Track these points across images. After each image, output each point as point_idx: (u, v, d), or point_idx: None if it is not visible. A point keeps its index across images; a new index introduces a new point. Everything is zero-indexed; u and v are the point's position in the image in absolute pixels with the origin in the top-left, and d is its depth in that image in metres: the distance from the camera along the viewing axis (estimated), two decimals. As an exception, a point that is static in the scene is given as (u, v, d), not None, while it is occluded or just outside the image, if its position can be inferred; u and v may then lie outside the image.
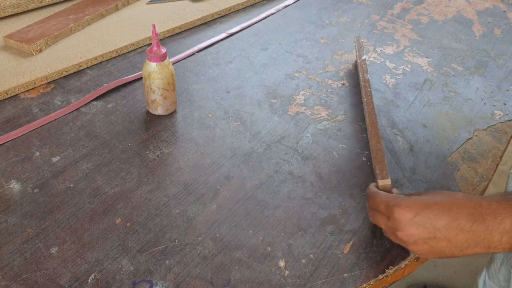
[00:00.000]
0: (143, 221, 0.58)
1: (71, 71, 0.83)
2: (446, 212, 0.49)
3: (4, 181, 0.63)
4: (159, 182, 0.64)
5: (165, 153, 0.68)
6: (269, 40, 0.96)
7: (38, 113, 0.74)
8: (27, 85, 0.78)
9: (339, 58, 0.91)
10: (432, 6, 1.13)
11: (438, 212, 0.49)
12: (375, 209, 0.54)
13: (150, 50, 0.70)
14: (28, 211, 0.59)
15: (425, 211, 0.49)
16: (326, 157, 0.69)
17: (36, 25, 0.91)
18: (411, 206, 0.50)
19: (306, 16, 1.06)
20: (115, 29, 0.94)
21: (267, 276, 0.53)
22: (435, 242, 0.49)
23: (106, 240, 0.56)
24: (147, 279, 0.52)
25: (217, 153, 0.69)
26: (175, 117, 0.75)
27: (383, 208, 0.52)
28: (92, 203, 0.60)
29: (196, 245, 0.56)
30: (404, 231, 0.50)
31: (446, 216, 0.49)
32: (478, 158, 0.70)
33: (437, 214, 0.49)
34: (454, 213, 0.49)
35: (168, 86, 0.72)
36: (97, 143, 0.69)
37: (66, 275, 0.52)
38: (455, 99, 0.82)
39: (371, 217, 0.56)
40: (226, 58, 0.90)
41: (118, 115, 0.75)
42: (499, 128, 0.76)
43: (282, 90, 0.82)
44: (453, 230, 0.49)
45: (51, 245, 0.55)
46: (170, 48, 0.91)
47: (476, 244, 0.49)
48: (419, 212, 0.49)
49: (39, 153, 0.67)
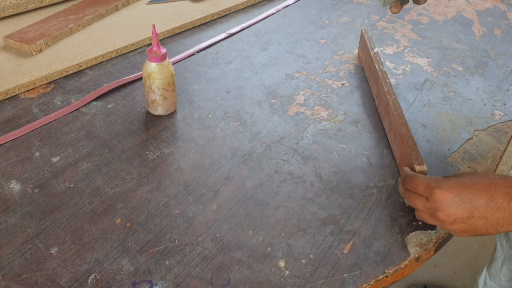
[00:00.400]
0: (143, 221, 0.58)
1: (71, 71, 0.83)
2: (484, 192, 0.51)
3: (4, 181, 0.63)
4: (159, 182, 0.64)
5: (165, 153, 0.68)
6: (269, 40, 0.96)
7: (38, 113, 0.74)
8: (27, 85, 0.78)
9: (339, 59, 0.91)
10: (432, 6, 1.13)
11: (477, 192, 0.52)
12: (412, 190, 0.56)
13: (150, 50, 0.70)
14: (28, 211, 0.59)
15: (465, 192, 0.52)
16: (326, 157, 0.69)
17: (36, 25, 0.91)
18: (451, 187, 0.52)
19: (306, 17, 1.06)
20: (115, 29, 0.94)
21: (267, 276, 0.53)
22: (473, 220, 0.52)
23: (106, 240, 0.56)
24: (147, 279, 0.52)
25: (217, 153, 0.69)
26: (175, 117, 0.75)
27: (422, 190, 0.55)
28: (92, 203, 0.60)
29: (196, 245, 0.56)
30: (444, 211, 0.53)
31: (484, 196, 0.51)
32: (478, 158, 0.70)
33: (476, 194, 0.51)
34: (492, 192, 0.51)
35: (168, 86, 0.72)
36: (97, 143, 0.69)
37: (66, 275, 0.52)
38: (455, 99, 0.82)
39: (407, 199, 0.58)
40: (226, 58, 0.90)
41: (118, 115, 0.75)
42: (499, 128, 0.76)
43: (282, 90, 0.82)
44: (491, 209, 0.51)
45: (51, 245, 0.55)
46: (170, 48, 0.91)
47: (511, 222, 0.51)
48: (459, 193, 0.52)
49: (39, 153, 0.67)
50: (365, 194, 0.63)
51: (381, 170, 0.67)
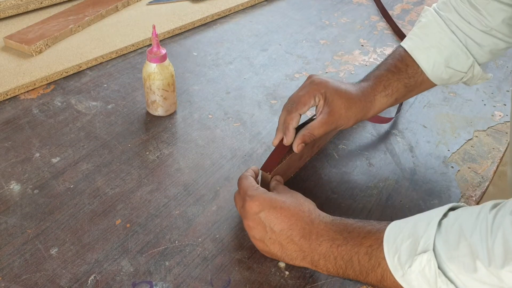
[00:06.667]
0: (143, 222, 0.58)
1: (71, 72, 0.83)
2: (286, 219, 0.51)
3: (4, 182, 0.63)
4: (159, 183, 0.64)
5: (165, 154, 0.68)
6: (269, 41, 0.96)
7: (38, 114, 0.74)
8: (27, 86, 0.78)
9: (339, 59, 0.91)
10: (432, 7, 1.13)
11: (279, 216, 0.51)
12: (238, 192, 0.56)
13: (150, 51, 0.70)
14: (28, 212, 0.59)
15: (270, 211, 0.51)
16: (326, 157, 0.69)
17: (36, 26, 0.91)
18: (260, 202, 0.52)
19: (306, 17, 1.06)
20: (115, 30, 0.94)
21: (267, 277, 0.53)
22: (270, 242, 0.52)
23: (106, 241, 0.56)
24: (147, 280, 0.52)
25: (217, 154, 0.69)
26: (175, 118, 0.75)
27: (242, 194, 0.54)
28: (92, 204, 0.60)
29: (196, 246, 0.56)
30: (247, 221, 0.53)
31: (284, 223, 0.51)
32: (478, 159, 0.70)
33: (278, 218, 0.51)
34: (292, 222, 0.51)
35: (168, 87, 0.72)
36: (97, 144, 0.69)
37: (66, 276, 0.52)
38: (455, 100, 0.82)
39: (234, 198, 0.57)
40: (226, 59, 0.90)
41: (118, 116, 0.75)
42: (499, 129, 0.76)
43: (282, 91, 0.82)
44: (285, 238, 0.51)
45: (51, 246, 0.55)
46: (170, 49, 0.91)
47: (303, 258, 0.51)
48: (264, 210, 0.51)
49: (39, 154, 0.67)
50: (365, 194, 0.63)
51: (381, 170, 0.67)
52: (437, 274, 0.42)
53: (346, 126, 0.62)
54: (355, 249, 0.48)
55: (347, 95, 0.61)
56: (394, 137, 0.73)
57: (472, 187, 0.65)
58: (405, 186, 0.65)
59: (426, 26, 0.65)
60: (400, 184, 0.65)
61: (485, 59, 0.65)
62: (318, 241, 0.50)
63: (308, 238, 0.50)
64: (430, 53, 0.64)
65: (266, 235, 0.51)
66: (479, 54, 0.63)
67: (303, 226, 0.50)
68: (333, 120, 0.60)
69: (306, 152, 0.65)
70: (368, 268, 0.47)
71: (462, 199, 0.63)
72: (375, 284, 0.48)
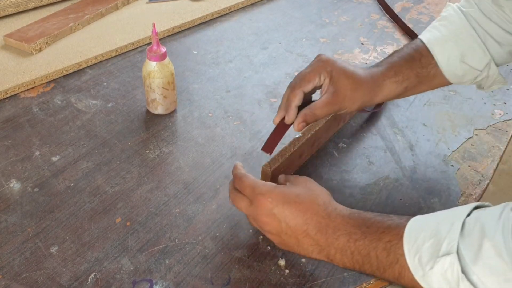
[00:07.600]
0: (143, 220, 0.58)
1: (71, 71, 0.83)
2: (300, 214, 0.50)
3: (4, 180, 0.63)
4: (159, 182, 0.64)
5: (165, 152, 0.68)
6: (269, 39, 0.96)
7: (38, 113, 0.74)
8: (27, 85, 0.78)
9: (339, 58, 0.91)
10: (433, 5, 1.13)
11: (294, 211, 0.50)
12: (240, 190, 0.54)
13: (150, 49, 0.69)
14: (28, 211, 0.59)
15: (284, 206, 0.50)
16: (326, 156, 0.69)
17: (36, 24, 0.91)
18: (273, 198, 0.50)
19: (306, 15, 1.06)
20: (115, 28, 0.94)
21: (267, 275, 0.53)
22: (286, 237, 0.51)
23: (106, 239, 0.56)
24: (147, 278, 0.52)
25: (217, 152, 0.69)
26: (175, 117, 0.75)
27: (248, 192, 0.52)
28: (92, 202, 0.60)
29: (196, 245, 0.56)
30: (261, 218, 0.51)
31: (299, 218, 0.50)
32: (478, 158, 0.70)
33: (293, 213, 0.50)
34: (307, 216, 0.50)
35: (168, 85, 0.72)
36: (97, 143, 0.69)
37: (66, 274, 0.52)
38: (455, 98, 0.82)
39: (232, 198, 0.54)
40: (226, 57, 0.90)
41: (118, 114, 0.74)
42: (499, 127, 0.76)
43: (282, 89, 0.82)
44: (301, 232, 0.50)
45: (51, 244, 0.55)
46: (170, 47, 0.91)
47: (319, 251, 0.50)
48: (278, 205, 0.50)
49: (39, 153, 0.67)
50: (365, 193, 0.63)
51: (381, 169, 0.67)
52: (460, 278, 0.41)
53: (350, 109, 0.59)
54: (373, 244, 0.47)
55: (354, 76, 0.58)
56: (394, 136, 0.73)
57: (472, 186, 0.65)
58: (405, 185, 0.65)
59: (446, 19, 0.64)
60: (400, 183, 0.65)
61: (503, 60, 0.63)
62: (335, 235, 0.49)
63: (325, 232, 0.49)
64: (446, 45, 0.62)
65: (282, 230, 0.50)
66: (498, 53, 0.62)
67: (319, 220, 0.49)
68: (337, 101, 0.57)
69: (306, 150, 0.65)
70: (386, 264, 0.46)
71: (462, 198, 0.63)
72: (391, 280, 0.47)
